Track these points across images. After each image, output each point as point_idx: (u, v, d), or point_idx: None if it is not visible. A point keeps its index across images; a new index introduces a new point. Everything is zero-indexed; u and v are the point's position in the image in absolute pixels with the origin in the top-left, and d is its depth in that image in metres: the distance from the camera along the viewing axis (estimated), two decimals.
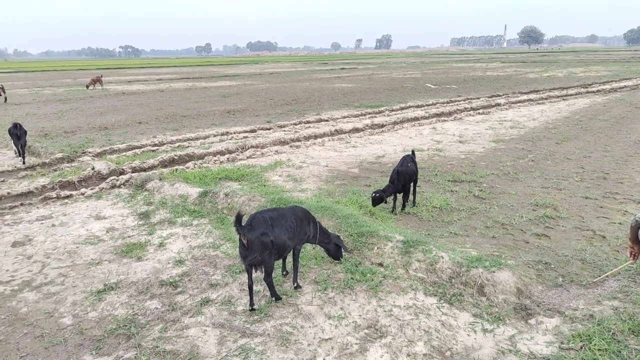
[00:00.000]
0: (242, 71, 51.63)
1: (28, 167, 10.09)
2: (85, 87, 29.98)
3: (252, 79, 37.57)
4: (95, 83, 29.94)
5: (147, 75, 46.53)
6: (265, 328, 4.17)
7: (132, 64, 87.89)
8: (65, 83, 36.15)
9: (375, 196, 6.68)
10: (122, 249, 5.96)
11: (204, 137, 13.06)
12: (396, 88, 27.14)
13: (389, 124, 14.95)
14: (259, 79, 38.27)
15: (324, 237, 5.03)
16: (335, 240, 5.11)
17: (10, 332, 4.22)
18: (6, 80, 38.27)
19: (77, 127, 15.02)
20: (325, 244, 5.06)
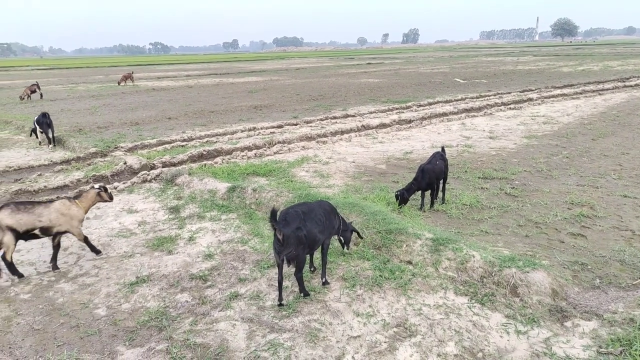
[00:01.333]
0: (269, 67, 51.88)
1: (63, 162, 10.40)
2: (117, 83, 30.70)
3: (278, 75, 37.71)
4: (126, 79, 30.62)
5: (176, 71, 47.30)
6: (293, 324, 4.18)
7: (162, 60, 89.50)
8: (98, 80, 37.11)
9: (398, 196, 6.61)
10: (154, 242, 6.08)
11: (231, 133, 13.19)
12: (424, 83, 26.76)
13: (416, 120, 14.75)
14: (285, 74, 38.38)
15: (345, 227, 5.16)
16: (351, 227, 5.29)
17: (48, 321, 4.36)
18: (42, 77, 39.57)
19: (110, 122, 15.39)
20: (344, 232, 5.16)
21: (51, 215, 5.24)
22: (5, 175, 9.57)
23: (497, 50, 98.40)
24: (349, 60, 65.77)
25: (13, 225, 5.03)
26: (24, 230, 5.11)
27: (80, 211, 5.51)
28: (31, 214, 5.15)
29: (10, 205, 5.13)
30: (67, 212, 5.35)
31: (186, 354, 3.81)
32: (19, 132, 14.37)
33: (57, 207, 5.32)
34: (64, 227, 5.36)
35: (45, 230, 5.25)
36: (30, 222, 5.12)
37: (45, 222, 5.21)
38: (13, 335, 4.15)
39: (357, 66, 48.24)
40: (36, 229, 5.18)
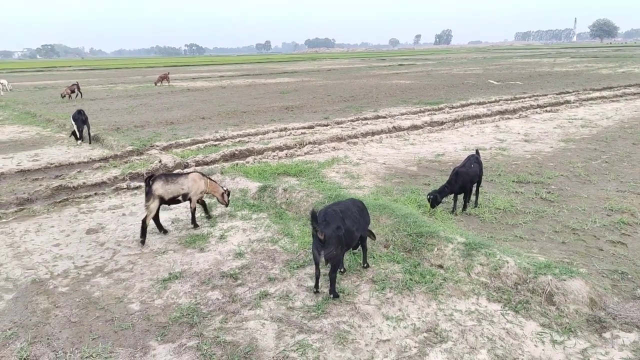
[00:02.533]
0: (300, 68, 52.15)
1: (101, 159, 10.74)
2: (154, 83, 31.48)
3: (309, 76, 37.85)
4: (162, 80, 31.37)
5: (210, 72, 48.15)
6: (322, 325, 4.17)
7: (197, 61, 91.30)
8: (135, 80, 38.17)
9: (430, 198, 6.51)
10: (186, 239, 6.20)
11: (263, 133, 13.31)
12: (456, 84, 26.32)
13: (449, 122, 14.52)
14: (316, 75, 38.49)
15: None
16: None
17: (84, 314, 4.50)
18: (82, 78, 41.03)
19: (146, 121, 15.80)
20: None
21: (189, 183, 6.33)
22: (46, 171, 9.96)
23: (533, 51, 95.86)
24: (380, 61, 65.41)
25: (163, 194, 6.11)
26: (169, 198, 6.21)
27: (204, 186, 6.54)
28: (176, 183, 6.23)
29: (162, 177, 6.24)
30: (198, 181, 6.45)
31: (216, 351, 3.87)
32: (60, 130, 14.93)
33: (193, 177, 6.45)
34: (192, 192, 6.40)
35: (185, 196, 6.36)
36: (175, 190, 6.22)
37: (186, 189, 6.31)
38: (51, 327, 4.30)
39: (389, 67, 47.91)
40: (180, 195, 6.30)
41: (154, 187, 6.07)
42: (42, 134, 14.45)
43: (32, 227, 6.77)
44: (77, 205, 7.76)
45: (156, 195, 6.07)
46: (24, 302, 4.74)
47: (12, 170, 9.88)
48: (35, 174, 9.71)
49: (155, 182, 6.11)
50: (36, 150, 12.05)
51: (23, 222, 7.02)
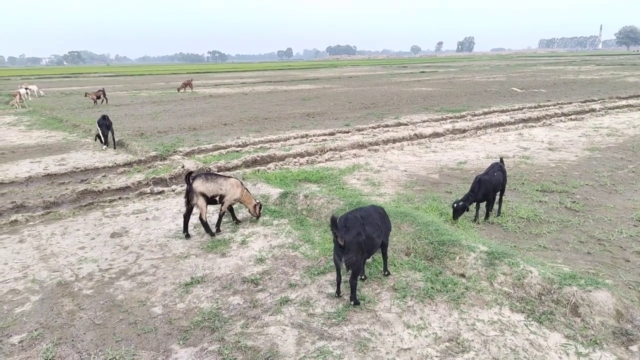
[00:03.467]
0: (322, 75, 52.39)
1: (126, 164, 10.96)
2: (177, 90, 32.05)
3: (331, 83, 37.98)
4: (185, 86, 31.90)
5: (232, 79, 48.77)
6: (343, 332, 4.16)
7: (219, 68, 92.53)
8: (159, 86, 38.91)
9: (457, 207, 6.42)
10: (208, 244, 6.26)
11: (284, 139, 13.40)
12: (479, 92, 26.05)
13: (471, 129, 14.37)
14: (337, 82, 38.60)
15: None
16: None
17: (108, 317, 4.58)
18: (108, 84, 42.01)
19: (169, 127, 16.08)
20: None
21: (227, 186, 6.49)
22: (72, 175, 10.21)
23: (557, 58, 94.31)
24: (402, 68, 65.25)
25: (204, 192, 6.31)
26: (211, 195, 6.37)
27: (240, 194, 6.67)
28: (215, 183, 6.40)
29: (202, 176, 6.40)
30: (236, 187, 6.59)
31: (237, 356, 3.89)
32: (86, 135, 15.29)
33: (232, 182, 6.59)
34: (228, 196, 6.53)
35: (222, 197, 6.50)
36: (214, 189, 6.38)
37: (223, 191, 6.46)
38: (76, 329, 4.39)
39: (410, 74, 47.74)
40: (217, 196, 6.42)
41: (195, 185, 6.28)
42: (68, 139, 14.83)
43: (58, 230, 6.95)
44: (101, 209, 7.93)
45: (198, 193, 6.29)
46: (49, 303, 4.85)
47: (40, 174, 10.17)
48: (61, 178, 9.96)
49: (195, 180, 6.32)
50: (62, 155, 12.37)
51: (50, 225, 7.20)
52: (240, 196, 6.68)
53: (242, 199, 6.73)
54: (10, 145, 14.00)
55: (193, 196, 6.30)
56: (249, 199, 6.85)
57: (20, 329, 4.38)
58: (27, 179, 9.82)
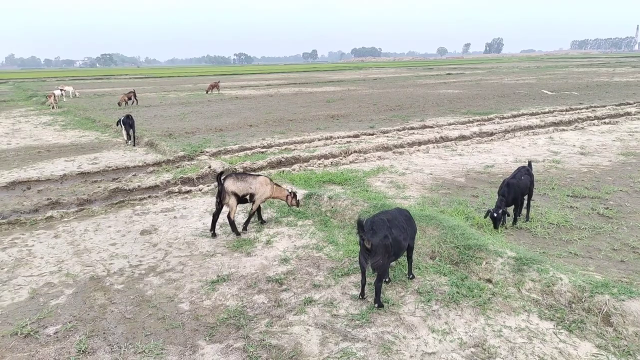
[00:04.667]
0: (346, 77, 52.38)
1: (155, 164, 11.21)
2: (205, 91, 32.57)
3: (355, 85, 37.94)
4: (213, 88, 32.40)
5: (258, 80, 49.25)
6: (366, 334, 4.16)
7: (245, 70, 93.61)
8: (187, 88, 39.62)
9: (497, 216, 6.22)
10: (234, 243, 6.36)
11: (309, 141, 13.46)
12: (507, 94, 25.59)
13: (499, 132, 14.14)
14: (362, 84, 38.53)
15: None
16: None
17: (138, 311, 4.71)
18: (138, 85, 43.02)
19: (197, 128, 16.36)
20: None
21: (256, 185, 6.60)
22: (104, 174, 10.51)
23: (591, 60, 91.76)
24: (427, 70, 64.66)
25: (235, 191, 6.47)
26: (242, 195, 6.54)
27: (270, 191, 6.76)
28: (245, 182, 6.55)
29: (233, 176, 6.59)
30: (265, 185, 6.68)
31: (262, 354, 3.94)
32: (117, 135, 15.70)
33: (261, 180, 6.69)
34: (258, 195, 6.64)
35: (252, 196, 6.64)
36: (244, 188, 6.54)
37: (253, 190, 6.59)
38: (107, 322, 4.52)
39: (436, 77, 47.25)
40: (247, 195, 6.58)
41: (226, 185, 6.46)
42: (100, 139, 15.27)
43: (91, 227, 7.16)
44: (132, 207, 8.13)
45: (230, 192, 6.47)
46: (82, 297, 5.01)
47: (74, 172, 10.50)
48: (94, 176, 10.27)
49: (226, 180, 6.51)
50: (95, 154, 12.74)
51: (83, 221, 7.43)
52: (270, 193, 6.78)
53: (273, 195, 6.83)
54: (46, 144, 14.51)
55: (225, 196, 6.46)
56: (281, 192, 6.91)
57: (55, 320, 4.55)
58: (62, 176, 10.16)
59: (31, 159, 12.25)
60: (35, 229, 7.13)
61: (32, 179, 9.93)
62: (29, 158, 12.41)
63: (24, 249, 6.34)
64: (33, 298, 5.01)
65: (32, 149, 13.72)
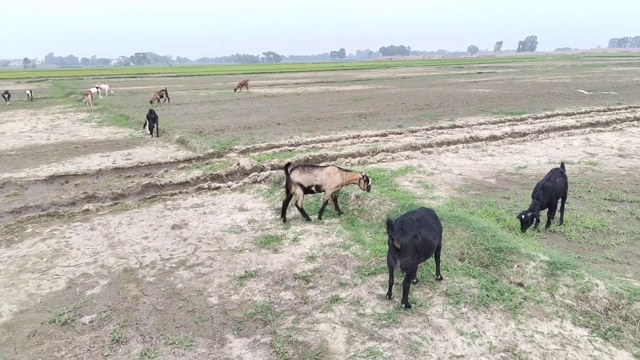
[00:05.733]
0: (374, 75, 52.09)
1: (185, 160, 11.43)
2: (234, 90, 32.98)
3: (383, 83, 37.69)
4: (242, 86, 32.77)
5: (286, 79, 49.52)
6: (393, 334, 4.14)
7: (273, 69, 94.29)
8: (216, 86, 40.21)
9: (525, 218, 6.06)
10: (261, 240, 6.42)
11: (336, 140, 13.46)
12: (541, 94, 24.93)
13: (532, 133, 13.79)
14: (390, 83, 38.23)
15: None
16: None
17: (169, 304, 4.81)
18: (170, 84, 43.92)
19: (226, 125, 16.59)
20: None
21: (322, 176, 6.82)
22: (137, 169, 10.78)
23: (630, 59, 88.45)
24: (457, 69, 63.60)
25: (301, 182, 6.81)
26: (307, 185, 6.84)
27: (340, 180, 6.88)
28: (310, 174, 6.83)
29: (299, 168, 6.92)
30: (333, 175, 6.84)
31: (288, 349, 3.97)
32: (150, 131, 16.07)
33: (328, 171, 6.89)
34: (326, 185, 6.84)
35: (318, 187, 6.89)
36: (309, 180, 6.82)
37: (319, 182, 6.83)
38: (139, 313, 4.65)
39: (467, 75, 46.45)
40: (313, 186, 6.87)
41: (292, 176, 6.81)
42: (134, 135, 15.66)
43: (124, 220, 7.37)
44: (163, 202, 8.32)
45: (296, 183, 6.81)
46: (116, 288, 5.16)
47: (109, 167, 10.82)
48: (128, 172, 10.55)
49: (293, 171, 6.85)
50: (129, 150, 13.08)
51: (117, 215, 7.65)
52: (341, 182, 6.90)
53: (345, 182, 6.94)
54: (83, 140, 14.99)
55: (291, 186, 6.82)
56: (353, 177, 6.97)
57: (90, 310, 4.70)
58: (98, 171, 10.49)
59: (69, 154, 12.68)
60: (72, 221, 7.38)
61: (69, 173, 10.29)
62: (67, 153, 12.86)
63: (62, 240, 6.57)
64: (70, 288, 5.19)
65: (70, 144, 14.21)
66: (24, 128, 17.95)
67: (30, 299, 4.97)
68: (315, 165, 7.22)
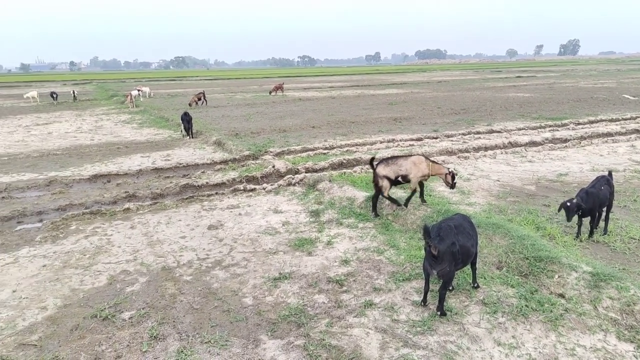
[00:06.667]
0: (410, 79, 51.58)
1: (222, 162, 11.65)
2: (269, 93, 33.38)
3: (419, 87, 37.27)
4: (277, 90, 33.13)
5: (321, 83, 49.71)
6: (428, 342, 4.08)
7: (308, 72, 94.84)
8: (252, 89, 40.79)
9: (570, 205, 5.82)
10: (295, 242, 6.46)
11: (370, 143, 13.40)
12: (584, 99, 24.06)
13: (573, 139, 13.33)
14: (426, 87, 37.77)
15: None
16: None
17: (204, 303, 4.91)
18: (207, 86, 44.89)
19: (261, 128, 16.81)
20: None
21: (408, 165, 6.87)
22: (176, 170, 11.07)
23: None
24: (495, 73, 62.22)
25: (387, 174, 6.94)
26: (394, 177, 6.94)
27: (426, 169, 6.86)
28: (395, 165, 6.93)
29: (383, 161, 7.06)
30: (418, 164, 6.86)
31: (321, 353, 3.98)
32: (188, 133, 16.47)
33: (413, 160, 6.93)
34: (412, 174, 6.87)
35: (404, 177, 6.93)
36: (394, 171, 6.92)
37: (404, 171, 6.88)
38: (177, 311, 4.76)
39: (505, 79, 45.36)
40: (399, 176, 6.94)
41: (378, 170, 6.98)
42: (172, 137, 16.09)
43: (163, 220, 7.57)
44: (200, 202, 8.51)
45: (382, 176, 6.96)
46: (155, 286, 5.31)
47: (149, 167, 11.16)
48: (166, 172, 10.85)
49: (378, 165, 7.02)
50: (168, 151, 13.45)
51: (156, 214, 7.87)
52: (428, 171, 6.87)
53: (431, 172, 6.89)
54: (124, 140, 15.52)
55: (377, 179, 6.99)
56: (439, 169, 6.91)
57: (130, 306, 4.86)
58: (138, 171, 10.84)
59: (111, 154, 13.16)
60: (114, 219, 7.65)
61: (112, 173, 10.68)
62: (110, 153, 13.34)
63: (103, 238, 6.82)
64: (111, 284, 5.38)
65: (112, 144, 14.74)
66: (70, 129, 18.74)
67: (73, 294, 5.17)
68: (400, 155, 7.28)
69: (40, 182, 10.06)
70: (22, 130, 18.50)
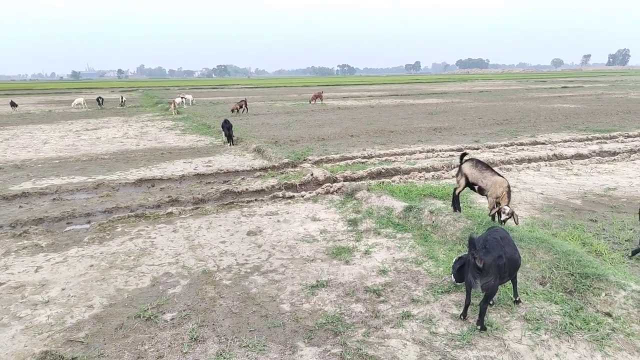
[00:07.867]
0: (450, 89, 50.85)
1: (261, 169, 11.87)
2: (309, 101, 33.74)
3: (460, 97, 36.68)
4: (316, 98, 33.44)
5: (360, 91, 49.78)
6: (467, 356, 4.01)
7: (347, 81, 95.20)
8: (292, 98, 41.33)
9: None
10: (333, 250, 6.50)
11: (409, 153, 13.31)
12: (634, 110, 23.00)
13: (623, 152, 12.77)
14: (467, 97, 37.13)
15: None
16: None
17: (243, 307, 5.01)
18: (248, 94, 45.82)
19: (300, 136, 17.00)
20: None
21: (488, 182, 6.72)
22: (217, 176, 11.36)
23: None
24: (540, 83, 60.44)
25: (467, 175, 6.95)
26: (471, 181, 6.92)
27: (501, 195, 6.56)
28: (480, 173, 6.85)
29: (472, 161, 7.05)
30: (497, 187, 6.61)
31: None
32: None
33: (496, 180, 6.68)
34: (489, 192, 6.73)
35: (481, 189, 6.86)
36: (475, 178, 6.87)
37: (483, 185, 6.78)
38: (216, 314, 4.88)
39: (550, 90, 43.98)
40: (477, 185, 6.89)
41: (463, 166, 7.03)
42: (214, 143, 16.51)
43: (204, 224, 7.78)
44: (240, 208, 8.69)
45: (463, 173, 7.01)
46: (195, 289, 5.46)
47: (191, 173, 11.50)
48: (208, 178, 11.15)
49: (465, 162, 7.06)
50: (209, 157, 13.81)
51: (197, 219, 8.10)
52: (499, 195, 6.64)
53: (501, 199, 6.59)
54: (168, 146, 16.07)
55: (458, 173, 7.10)
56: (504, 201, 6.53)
57: (171, 308, 5.02)
58: (181, 177, 11.20)
59: (155, 159, 13.65)
60: (157, 222, 7.92)
61: (156, 178, 11.07)
62: (154, 158, 13.84)
63: (147, 240, 7.08)
64: (154, 285, 5.58)
65: (156, 150, 15.28)
66: (117, 134, 19.57)
67: (118, 294, 5.39)
68: (490, 167, 6.96)
69: (89, 185, 10.56)
70: (72, 135, 19.47)
